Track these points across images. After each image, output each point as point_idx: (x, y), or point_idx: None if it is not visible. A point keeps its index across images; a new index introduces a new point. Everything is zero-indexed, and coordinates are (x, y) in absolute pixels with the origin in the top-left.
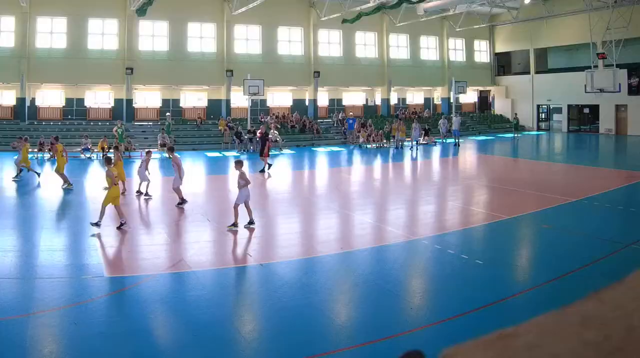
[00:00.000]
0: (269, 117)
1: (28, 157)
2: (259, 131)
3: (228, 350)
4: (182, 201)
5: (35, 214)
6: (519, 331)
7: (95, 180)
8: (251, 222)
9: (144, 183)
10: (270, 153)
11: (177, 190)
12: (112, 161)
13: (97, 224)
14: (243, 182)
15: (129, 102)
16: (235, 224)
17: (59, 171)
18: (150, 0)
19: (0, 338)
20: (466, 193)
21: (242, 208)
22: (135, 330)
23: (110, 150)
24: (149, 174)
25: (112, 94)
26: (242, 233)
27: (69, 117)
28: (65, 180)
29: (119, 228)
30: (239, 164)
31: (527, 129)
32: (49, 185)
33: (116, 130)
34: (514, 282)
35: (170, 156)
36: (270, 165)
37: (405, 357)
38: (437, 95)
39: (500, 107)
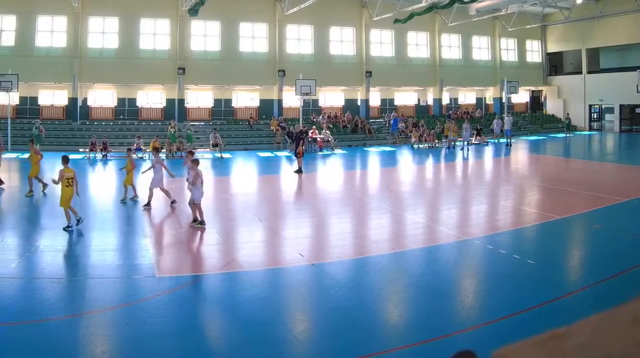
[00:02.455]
0: (320, 116)
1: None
2: (295, 130)
3: (280, 350)
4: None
5: (86, 214)
6: (570, 331)
7: (147, 180)
8: (198, 221)
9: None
10: (304, 153)
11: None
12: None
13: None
14: (196, 179)
15: (181, 102)
16: (202, 222)
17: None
18: (202, 0)
19: (53, 338)
20: (518, 194)
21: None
22: (187, 330)
23: (163, 150)
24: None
25: (164, 94)
26: (293, 232)
27: (121, 117)
28: (31, 185)
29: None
30: (195, 162)
31: (579, 129)
32: (98, 186)
33: (170, 130)
34: (565, 282)
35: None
36: (300, 169)
37: (457, 357)
38: (489, 95)
39: (552, 107)
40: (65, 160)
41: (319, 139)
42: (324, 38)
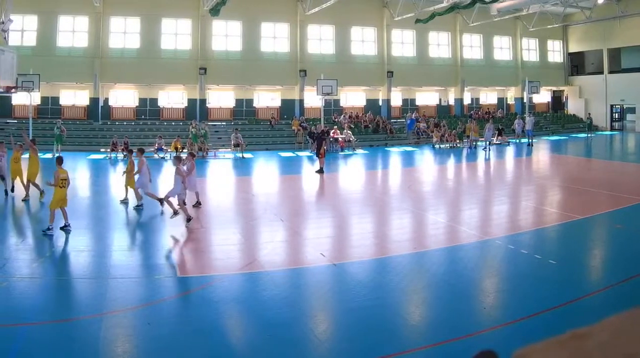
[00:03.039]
0: (342, 116)
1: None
2: (317, 130)
3: (301, 350)
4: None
5: (107, 214)
6: (592, 331)
7: (168, 180)
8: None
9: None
10: (326, 153)
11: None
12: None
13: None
14: (180, 177)
15: (203, 102)
16: (175, 212)
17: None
18: (223, 0)
19: (74, 338)
20: (539, 193)
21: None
22: (208, 330)
23: (184, 150)
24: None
25: (186, 94)
26: (315, 232)
27: (142, 117)
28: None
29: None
30: (177, 159)
31: (601, 128)
32: (118, 186)
33: (191, 130)
34: (587, 282)
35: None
36: (322, 169)
37: (479, 357)
38: (511, 95)
39: (574, 107)
40: (60, 161)
41: (340, 139)
42: (345, 38)
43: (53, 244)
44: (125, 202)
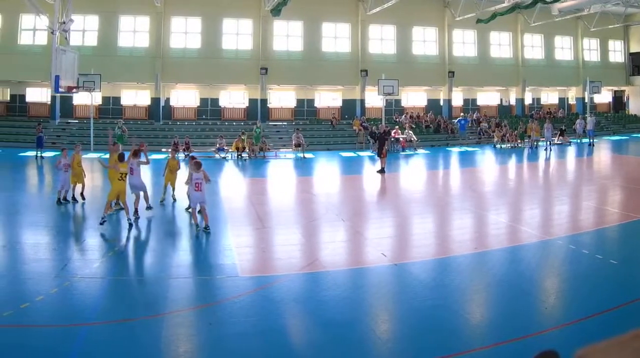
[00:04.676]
0: (403, 116)
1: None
2: (378, 130)
3: (363, 350)
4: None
5: (166, 214)
6: None
7: (230, 180)
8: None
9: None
10: (387, 154)
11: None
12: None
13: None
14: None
15: (264, 102)
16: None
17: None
18: (285, 0)
19: (135, 338)
20: (601, 193)
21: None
22: (270, 330)
23: (246, 150)
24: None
25: (247, 94)
26: (376, 232)
27: (203, 117)
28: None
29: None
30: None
31: None
32: (179, 187)
33: (255, 130)
34: None
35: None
36: (383, 169)
37: (540, 357)
38: (572, 95)
39: (635, 107)
40: (122, 157)
41: (401, 139)
42: (406, 38)
43: (114, 244)
44: (162, 202)
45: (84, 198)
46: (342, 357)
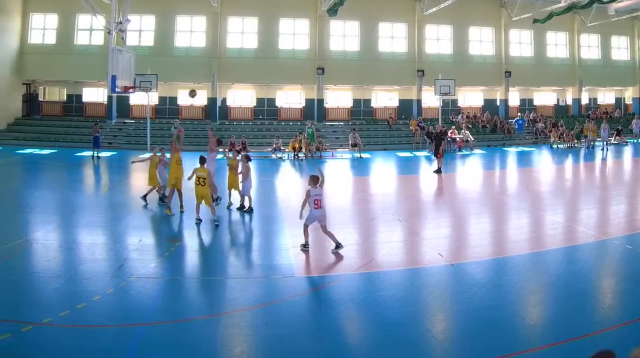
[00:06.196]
0: (459, 116)
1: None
2: (435, 130)
3: (419, 350)
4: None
5: (223, 214)
6: None
7: (286, 180)
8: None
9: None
10: (444, 154)
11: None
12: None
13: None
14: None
15: (320, 102)
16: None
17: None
18: (341, 0)
19: (192, 337)
20: None
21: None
22: (326, 330)
23: (302, 150)
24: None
25: (303, 94)
26: (433, 232)
27: (260, 117)
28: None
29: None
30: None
31: None
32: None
33: (307, 130)
34: None
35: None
36: (440, 169)
37: (597, 357)
38: (628, 95)
39: None
40: (202, 160)
41: (458, 139)
42: (463, 38)
43: (171, 244)
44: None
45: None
46: (399, 357)
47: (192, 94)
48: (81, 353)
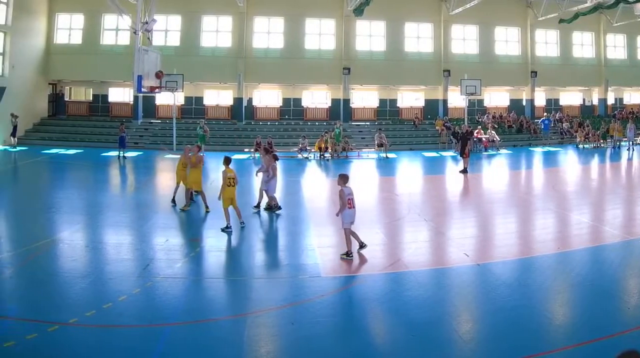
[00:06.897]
0: (485, 116)
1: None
2: (461, 130)
3: (445, 350)
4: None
5: (248, 214)
6: None
7: (312, 180)
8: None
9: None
10: (470, 154)
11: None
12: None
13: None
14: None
15: (346, 102)
16: (271, 207)
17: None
18: (367, 0)
19: (217, 337)
20: None
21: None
22: (352, 330)
23: (328, 150)
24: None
25: (329, 94)
26: (458, 232)
27: (286, 117)
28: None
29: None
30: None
31: None
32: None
33: (335, 130)
34: None
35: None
36: (466, 169)
37: (622, 357)
38: None
39: None
40: (227, 161)
41: (484, 139)
42: (488, 38)
43: (197, 244)
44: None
45: (194, 199)
46: (425, 356)
47: None
48: (107, 353)
